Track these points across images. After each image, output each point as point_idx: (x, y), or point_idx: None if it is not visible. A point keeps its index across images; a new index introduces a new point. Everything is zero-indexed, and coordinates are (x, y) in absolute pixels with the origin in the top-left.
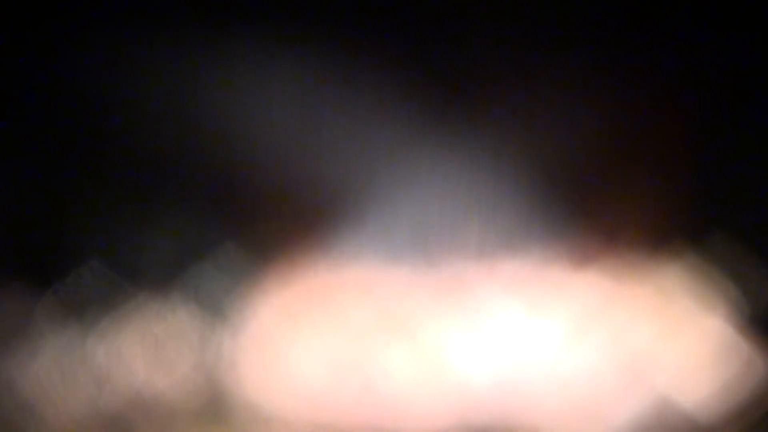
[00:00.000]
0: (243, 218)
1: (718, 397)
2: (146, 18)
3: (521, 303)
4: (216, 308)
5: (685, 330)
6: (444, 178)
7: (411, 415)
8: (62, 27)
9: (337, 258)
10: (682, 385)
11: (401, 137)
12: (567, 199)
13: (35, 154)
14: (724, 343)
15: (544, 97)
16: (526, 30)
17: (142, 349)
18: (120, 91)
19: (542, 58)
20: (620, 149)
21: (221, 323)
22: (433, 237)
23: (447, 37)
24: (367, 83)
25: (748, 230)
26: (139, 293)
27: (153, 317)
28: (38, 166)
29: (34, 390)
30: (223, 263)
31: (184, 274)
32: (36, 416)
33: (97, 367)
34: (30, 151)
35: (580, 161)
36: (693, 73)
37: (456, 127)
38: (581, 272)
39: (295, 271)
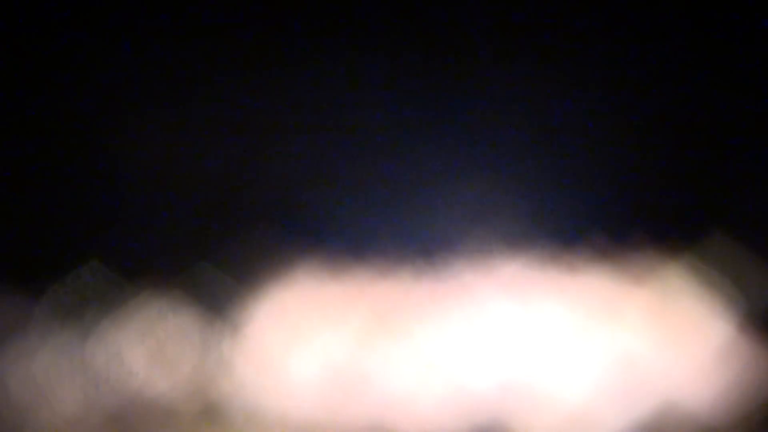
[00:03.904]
0: (243, 220)
1: (719, 397)
2: (152, 19)
3: (521, 305)
4: (216, 310)
5: (686, 330)
6: (445, 181)
7: (410, 416)
8: (62, 26)
9: (336, 260)
10: (684, 385)
11: (402, 140)
12: (568, 202)
13: (35, 155)
14: (725, 343)
15: (545, 101)
16: (527, 37)
17: (142, 350)
18: (123, 94)
19: (543, 63)
20: (621, 152)
21: (221, 324)
22: (433, 238)
23: (450, 43)
24: (368, 87)
25: (748, 230)
26: (139, 293)
27: (152, 318)
28: (38, 166)
29: (32, 390)
30: (223, 264)
31: (184, 275)
32: (33, 416)
33: (95, 367)
34: (30, 152)
35: (580, 165)
36: (693, 74)
37: (457, 130)
38: (582, 275)
39: (295, 273)
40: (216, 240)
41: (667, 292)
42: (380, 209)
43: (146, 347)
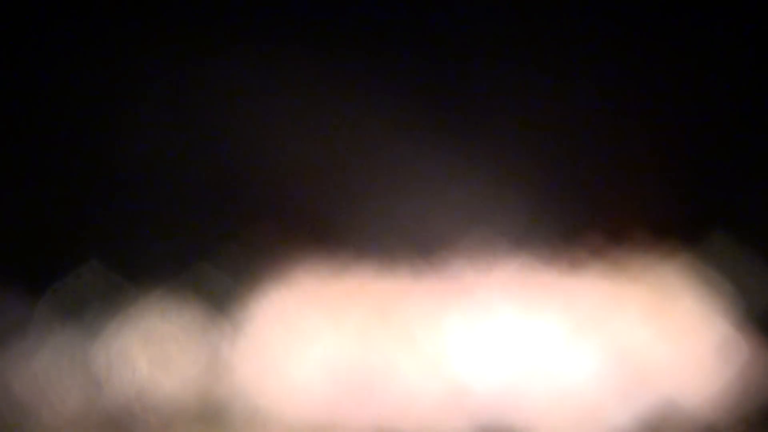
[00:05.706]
0: (243, 220)
1: (718, 396)
2: (150, 18)
3: (521, 304)
4: (216, 309)
5: (685, 329)
6: (444, 180)
7: (411, 416)
8: (62, 25)
9: (337, 259)
10: (683, 384)
11: (402, 140)
12: (567, 200)
13: (36, 155)
14: (724, 342)
15: (543, 100)
16: (527, 36)
17: (142, 350)
18: (122, 93)
19: (542, 63)
20: (620, 151)
21: (221, 324)
22: (433, 238)
23: (450, 45)
24: (367, 87)
25: (748, 230)
26: (138, 293)
27: (152, 318)
28: (39, 167)
29: (33, 390)
30: (223, 264)
31: (184, 274)
32: (34, 416)
33: (96, 368)
34: (31, 152)
35: (579, 163)
36: (692, 74)
37: (457, 129)
38: (581, 273)
39: (296, 273)
40: (216, 240)
41: (667, 291)
42: (380, 208)
43: (146, 347)
